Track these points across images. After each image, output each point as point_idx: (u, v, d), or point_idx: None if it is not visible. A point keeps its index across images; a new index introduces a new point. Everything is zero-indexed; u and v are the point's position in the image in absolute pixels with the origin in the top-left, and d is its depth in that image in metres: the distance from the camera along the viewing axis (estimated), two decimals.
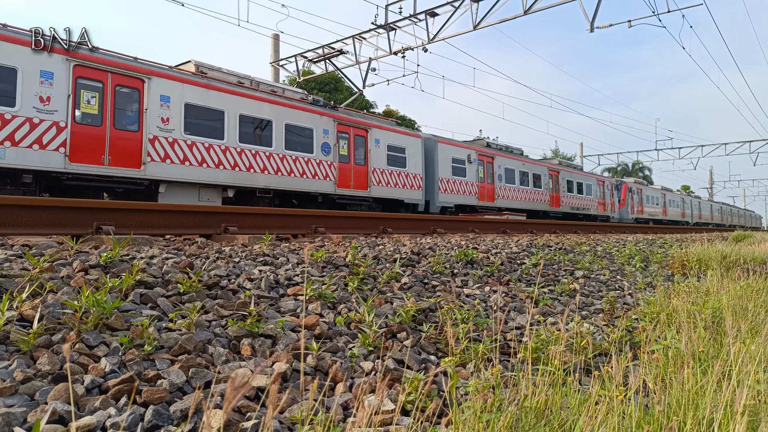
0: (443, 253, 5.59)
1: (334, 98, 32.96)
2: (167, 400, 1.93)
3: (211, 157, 12.70)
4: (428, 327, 3.13)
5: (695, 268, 7.28)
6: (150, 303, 2.80)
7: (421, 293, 4.00)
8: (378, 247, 5.71)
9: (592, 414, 1.83)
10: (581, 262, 6.66)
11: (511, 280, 4.99)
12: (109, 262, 3.32)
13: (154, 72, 11.88)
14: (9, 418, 1.62)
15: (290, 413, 1.98)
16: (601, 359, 3.16)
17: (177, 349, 2.29)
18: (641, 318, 4.04)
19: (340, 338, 2.83)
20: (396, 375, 2.42)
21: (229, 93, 13.27)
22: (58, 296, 2.57)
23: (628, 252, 8.36)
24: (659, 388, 2.23)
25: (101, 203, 5.75)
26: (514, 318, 3.81)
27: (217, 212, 6.77)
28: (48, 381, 1.90)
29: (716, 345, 3.07)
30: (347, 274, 4.09)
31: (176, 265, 3.53)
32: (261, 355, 2.47)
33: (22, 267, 3.01)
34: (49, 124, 10.17)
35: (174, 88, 12.14)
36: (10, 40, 9.84)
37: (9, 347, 2.08)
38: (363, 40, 21.51)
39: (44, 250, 3.61)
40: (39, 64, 10.13)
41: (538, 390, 2.04)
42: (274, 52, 23.13)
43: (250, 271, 3.78)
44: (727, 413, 1.81)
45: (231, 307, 2.93)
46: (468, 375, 2.63)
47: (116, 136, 11.13)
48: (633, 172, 70.71)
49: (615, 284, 5.83)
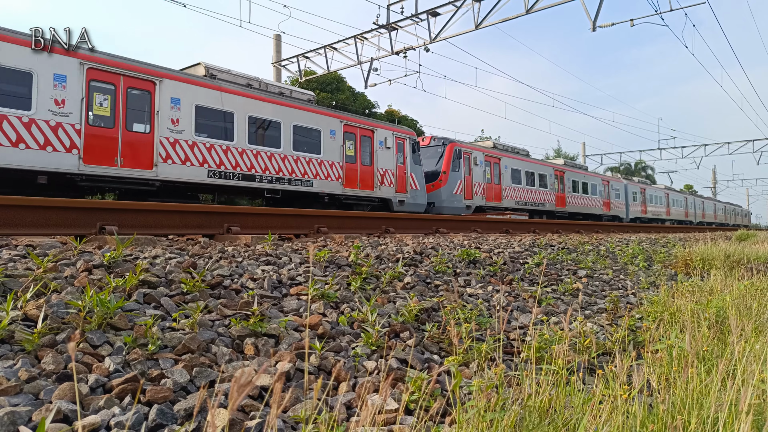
0: (446, 252, 5.59)
1: (335, 98, 32.97)
2: (171, 400, 1.93)
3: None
4: (431, 326, 3.13)
5: (699, 267, 7.26)
6: (153, 303, 2.81)
7: (423, 293, 4.00)
8: (380, 247, 5.71)
9: (596, 413, 1.83)
10: (584, 262, 6.65)
11: (513, 279, 4.98)
12: (113, 262, 3.33)
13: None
14: (14, 416, 1.63)
15: (294, 412, 1.99)
16: (605, 358, 3.16)
17: (180, 349, 2.30)
18: (645, 317, 4.03)
19: (343, 338, 2.83)
20: (399, 374, 2.42)
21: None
22: (62, 296, 2.58)
23: (631, 251, 8.35)
24: (663, 387, 2.22)
25: (104, 203, 5.76)
26: (517, 317, 3.81)
27: (220, 212, 6.78)
28: (52, 380, 1.90)
29: (720, 344, 3.06)
30: (350, 273, 4.09)
31: (179, 265, 3.54)
32: (264, 355, 2.47)
33: (26, 267, 3.02)
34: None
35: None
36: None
37: (14, 346, 2.09)
38: (365, 40, 21.51)
39: (48, 250, 3.62)
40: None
41: (542, 389, 2.04)
42: (276, 53, 23.15)
43: (253, 270, 3.78)
44: (731, 412, 1.81)
45: (234, 306, 2.93)
46: (471, 374, 2.62)
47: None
48: (636, 171, 70.55)
49: (618, 283, 5.82)
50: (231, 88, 13.23)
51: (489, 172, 21.68)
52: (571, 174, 27.60)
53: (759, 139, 43.23)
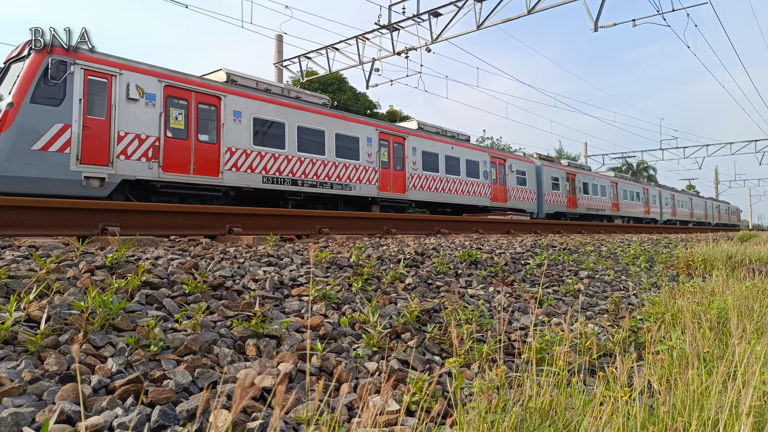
0: (447, 253, 5.60)
1: (337, 98, 32.98)
2: (173, 401, 1.94)
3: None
4: (432, 327, 3.13)
5: (700, 268, 7.26)
6: (156, 304, 2.82)
7: (425, 294, 4.01)
8: (382, 248, 5.72)
9: (597, 415, 1.83)
10: (585, 263, 6.65)
11: (515, 280, 4.99)
12: (115, 263, 3.34)
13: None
14: (18, 417, 1.63)
15: (295, 413, 1.99)
16: (606, 360, 3.16)
17: (183, 350, 2.31)
18: (646, 318, 4.03)
19: (345, 339, 2.84)
20: (400, 375, 2.43)
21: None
22: (65, 297, 2.59)
23: (632, 252, 8.34)
24: (664, 388, 2.23)
25: (106, 204, 5.78)
26: (519, 318, 3.81)
27: (221, 213, 6.79)
28: (55, 381, 1.91)
29: (721, 345, 3.06)
30: (351, 274, 4.10)
31: (181, 265, 3.55)
32: (266, 356, 2.48)
33: (29, 268, 3.03)
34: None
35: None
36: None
37: (17, 347, 2.10)
38: (366, 41, 21.52)
39: (51, 251, 3.63)
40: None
41: (543, 391, 2.05)
42: (277, 53, 23.18)
43: (255, 271, 3.79)
44: (732, 414, 1.81)
45: (236, 307, 2.94)
46: (472, 375, 2.63)
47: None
48: (638, 172, 70.43)
49: (619, 284, 5.81)
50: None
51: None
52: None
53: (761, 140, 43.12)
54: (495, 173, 22.68)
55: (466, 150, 21.32)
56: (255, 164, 13.56)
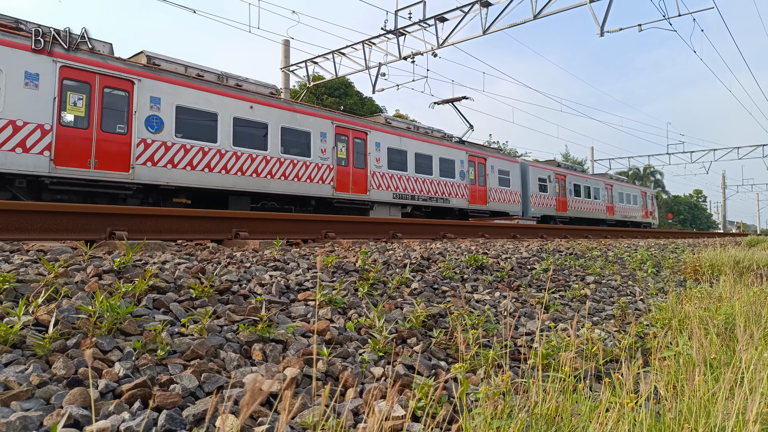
0: (453, 258, 5.59)
1: (343, 103, 33.07)
2: (180, 405, 1.95)
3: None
4: (438, 332, 3.13)
5: (708, 273, 7.21)
6: (163, 308, 2.83)
7: (431, 299, 4.01)
8: (388, 252, 5.72)
9: (603, 421, 1.83)
10: (592, 267, 6.62)
11: (521, 285, 4.98)
12: (123, 268, 3.36)
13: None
14: (26, 421, 1.65)
15: (301, 418, 2.00)
16: (612, 366, 3.14)
17: (189, 354, 2.32)
18: (653, 324, 4.01)
19: (351, 343, 2.84)
20: (406, 381, 2.43)
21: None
22: (73, 301, 2.61)
23: (639, 257, 8.30)
24: (671, 395, 2.22)
25: (114, 209, 5.81)
26: (525, 324, 3.80)
27: (228, 217, 6.82)
28: (63, 385, 1.93)
29: (728, 352, 3.04)
30: (357, 279, 4.11)
31: (188, 270, 3.56)
32: (272, 360, 2.49)
33: (38, 272, 3.05)
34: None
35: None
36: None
37: (25, 351, 2.12)
38: (373, 46, 21.59)
39: (59, 255, 3.66)
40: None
41: (549, 396, 2.04)
42: (284, 58, 23.30)
43: (261, 276, 3.81)
44: (739, 421, 1.80)
45: (242, 312, 2.95)
46: (478, 381, 2.63)
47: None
48: (645, 176, 70.09)
49: (626, 290, 5.79)
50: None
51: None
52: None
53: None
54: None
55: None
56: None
